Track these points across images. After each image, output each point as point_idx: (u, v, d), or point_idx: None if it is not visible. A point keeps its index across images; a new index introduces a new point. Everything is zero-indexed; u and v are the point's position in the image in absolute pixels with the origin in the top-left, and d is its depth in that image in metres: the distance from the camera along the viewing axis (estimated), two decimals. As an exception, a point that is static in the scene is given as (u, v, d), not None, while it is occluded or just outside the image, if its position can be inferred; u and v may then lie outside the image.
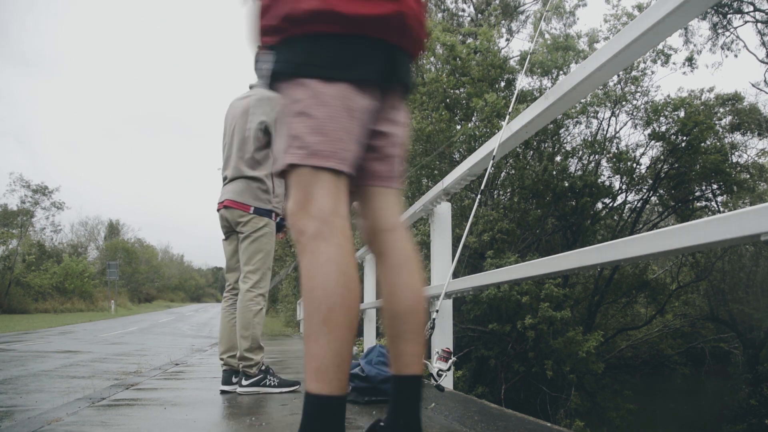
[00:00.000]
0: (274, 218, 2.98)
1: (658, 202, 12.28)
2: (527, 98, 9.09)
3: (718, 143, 11.02)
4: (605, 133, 10.97)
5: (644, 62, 10.20)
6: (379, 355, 2.47)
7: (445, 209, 3.30)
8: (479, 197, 2.50)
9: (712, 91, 11.23)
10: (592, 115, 10.64)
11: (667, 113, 10.26)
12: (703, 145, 10.28)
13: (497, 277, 2.38)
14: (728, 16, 12.31)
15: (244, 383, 2.80)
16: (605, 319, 12.86)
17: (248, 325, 2.80)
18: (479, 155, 2.64)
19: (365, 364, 2.44)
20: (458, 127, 9.39)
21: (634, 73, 10.21)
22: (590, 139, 10.92)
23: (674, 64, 10.48)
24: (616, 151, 10.78)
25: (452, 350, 2.21)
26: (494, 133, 6.34)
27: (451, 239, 3.27)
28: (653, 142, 10.73)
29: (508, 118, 2.42)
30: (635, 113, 10.70)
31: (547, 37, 10.37)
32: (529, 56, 9.23)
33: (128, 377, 4.29)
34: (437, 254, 3.24)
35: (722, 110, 11.45)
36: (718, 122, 11.31)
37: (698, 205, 11.64)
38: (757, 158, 12.48)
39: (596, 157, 10.82)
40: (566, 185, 9.85)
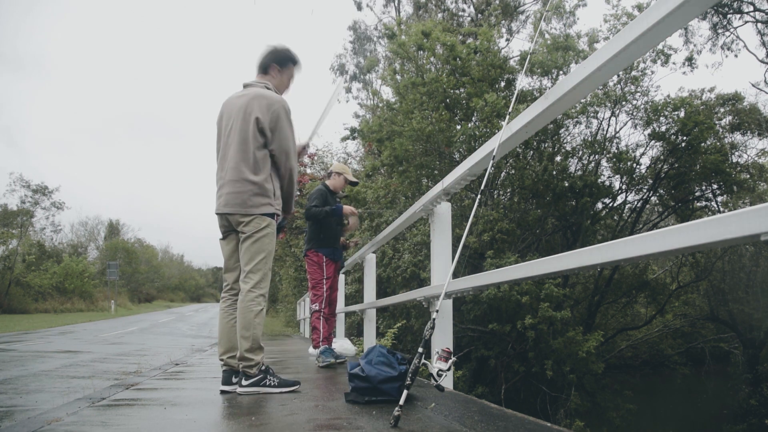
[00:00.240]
0: (276, 219, 2.96)
1: (658, 202, 12.28)
2: (527, 98, 9.08)
3: (718, 143, 11.01)
4: (605, 133, 10.97)
5: (644, 62, 10.20)
6: (379, 355, 2.47)
7: (445, 209, 3.30)
8: (479, 197, 2.50)
9: (712, 91, 11.23)
10: (592, 115, 10.64)
11: (667, 113, 10.25)
12: (703, 145, 10.27)
13: (497, 277, 2.38)
14: (728, 16, 12.31)
15: (244, 383, 2.79)
16: (605, 319, 12.87)
17: (249, 325, 2.78)
18: (479, 155, 2.64)
19: (365, 364, 2.44)
20: (458, 127, 9.39)
21: (634, 73, 10.20)
22: (590, 139, 10.92)
23: (674, 64, 10.47)
24: (616, 151, 10.78)
25: (452, 350, 2.20)
26: (494, 133, 6.34)
27: (451, 239, 3.27)
28: (653, 142, 10.73)
29: (508, 118, 2.42)
30: (635, 113, 10.69)
31: (547, 37, 10.36)
32: (529, 56, 9.23)
33: (128, 377, 4.29)
34: (437, 254, 3.24)
35: (722, 110, 11.45)
36: (718, 122, 11.31)
37: (698, 205, 11.64)
38: (757, 158, 12.49)
39: (596, 157, 10.82)
40: (566, 185, 9.85)
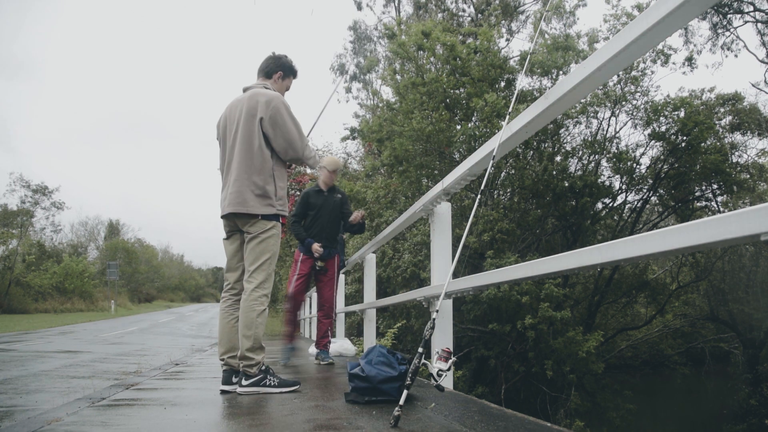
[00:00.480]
0: (282, 221, 2.97)
1: (658, 202, 12.28)
2: (527, 98, 9.08)
3: (718, 143, 11.01)
4: (605, 133, 10.97)
5: (644, 62, 10.20)
6: (379, 355, 2.47)
7: (445, 209, 3.30)
8: (479, 197, 2.50)
9: (712, 91, 11.23)
10: (592, 115, 10.64)
11: (667, 113, 10.25)
12: (703, 145, 10.27)
13: (497, 277, 2.38)
14: (728, 16, 12.31)
15: (244, 383, 2.79)
16: (605, 319, 12.87)
17: (251, 324, 2.78)
18: (479, 155, 2.64)
19: (365, 364, 2.44)
20: (458, 127, 9.39)
21: (633, 73, 10.20)
22: (590, 139, 10.92)
23: (674, 64, 10.47)
24: (616, 151, 10.78)
25: (452, 350, 2.21)
26: (494, 133, 6.34)
27: (451, 239, 3.27)
28: (653, 142, 10.73)
29: (508, 118, 2.42)
30: (635, 113, 10.69)
31: (547, 37, 10.37)
32: (529, 56, 9.23)
33: (128, 377, 4.29)
34: (437, 254, 3.24)
35: (722, 110, 11.45)
36: (718, 122, 11.31)
37: (698, 205, 11.64)
38: (757, 158, 12.48)
39: (596, 157, 10.82)
40: (566, 185, 9.85)
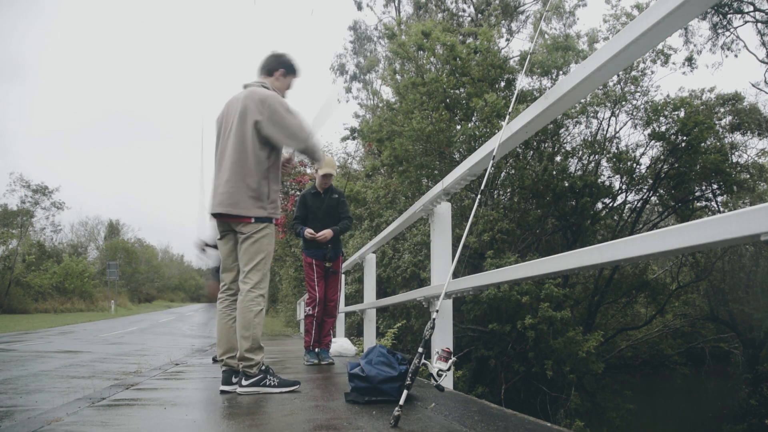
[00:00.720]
0: (276, 222, 2.96)
1: (658, 202, 12.28)
2: (527, 98, 9.08)
3: (718, 143, 11.01)
4: (605, 133, 10.97)
5: (644, 62, 10.20)
6: (379, 355, 2.47)
7: (445, 209, 3.30)
8: (479, 197, 2.50)
9: (712, 91, 11.23)
10: (592, 115, 10.64)
11: (667, 113, 10.25)
12: (703, 145, 10.27)
13: (497, 277, 2.38)
14: (728, 16, 12.31)
15: (244, 383, 2.79)
16: (605, 319, 12.87)
17: (249, 325, 2.78)
18: (479, 155, 2.64)
19: (365, 364, 2.44)
20: (458, 127, 9.39)
21: (633, 73, 10.20)
22: (590, 139, 10.92)
23: (674, 64, 10.47)
24: (616, 151, 10.78)
25: (452, 350, 2.21)
26: (494, 133, 6.34)
27: (451, 239, 3.27)
28: (653, 142, 10.73)
29: (508, 118, 2.42)
30: (635, 113, 10.69)
31: (546, 37, 10.37)
32: (529, 56, 9.23)
33: (128, 377, 4.29)
34: (437, 254, 3.24)
35: (722, 110, 11.45)
36: (718, 122, 11.30)
37: (698, 205, 11.64)
38: (757, 158, 12.49)
39: (596, 157, 10.82)
40: (566, 185, 9.85)
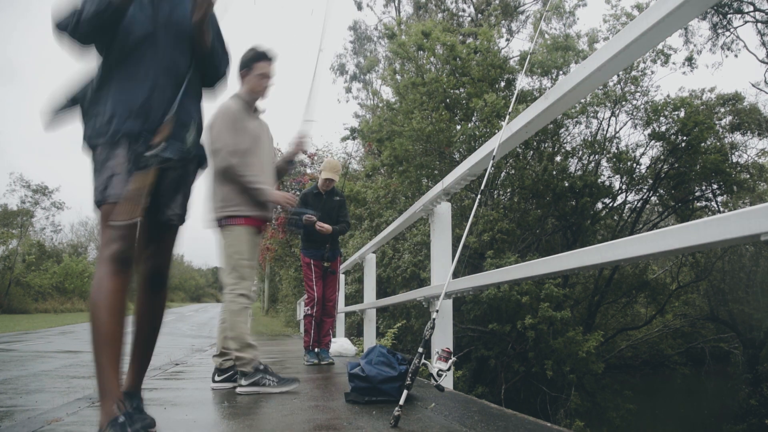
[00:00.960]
0: (237, 222, 2.91)
1: (658, 202, 12.28)
2: (527, 98, 9.08)
3: (718, 143, 11.01)
4: (605, 133, 10.97)
5: (644, 62, 10.20)
6: (379, 355, 2.47)
7: (445, 209, 3.30)
8: (479, 197, 2.50)
9: (712, 91, 11.23)
10: (591, 115, 10.64)
11: (667, 113, 10.25)
12: (703, 145, 10.27)
13: (497, 277, 2.38)
14: (728, 16, 12.31)
15: (243, 383, 2.81)
16: (605, 319, 12.86)
17: (232, 326, 2.88)
18: (479, 155, 2.64)
19: (365, 364, 2.44)
20: (458, 127, 9.39)
21: (633, 73, 10.20)
22: (590, 139, 10.92)
23: (674, 64, 10.47)
24: (616, 151, 10.78)
25: (452, 350, 2.21)
26: (494, 133, 6.34)
27: (451, 239, 3.27)
28: (653, 142, 10.73)
29: (508, 118, 2.42)
30: (635, 113, 10.69)
31: (546, 37, 10.37)
32: (529, 56, 9.23)
33: (128, 377, 4.27)
34: (437, 254, 3.24)
35: (722, 110, 11.44)
36: (718, 122, 11.30)
37: (698, 205, 11.63)
38: (757, 158, 12.48)
39: (596, 157, 10.82)
40: (566, 185, 9.85)
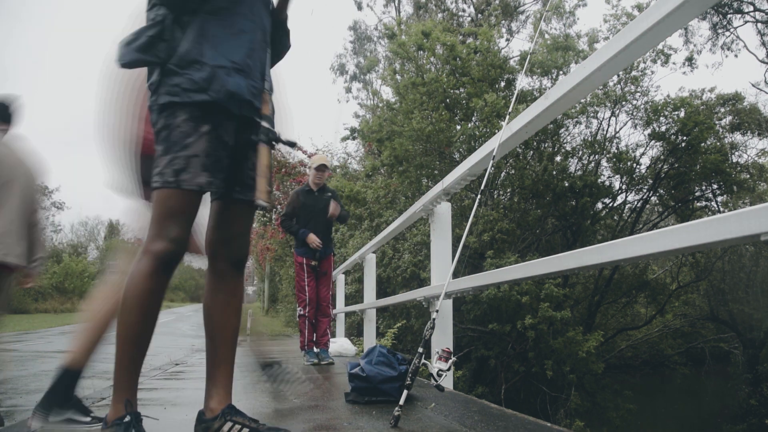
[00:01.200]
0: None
1: (658, 202, 12.28)
2: (527, 98, 9.08)
3: (718, 143, 11.00)
4: (605, 133, 10.97)
5: (644, 62, 10.20)
6: (379, 355, 2.47)
7: (445, 209, 3.30)
8: (479, 197, 2.50)
9: (712, 91, 11.22)
10: (592, 115, 10.64)
11: (667, 113, 10.25)
12: (703, 145, 10.27)
13: (497, 277, 2.38)
14: (728, 16, 12.31)
15: None
16: (605, 319, 12.86)
17: None
18: (479, 155, 2.64)
19: (365, 364, 2.44)
20: (458, 127, 9.39)
21: (634, 73, 10.20)
22: (590, 139, 10.92)
23: (674, 64, 10.47)
24: (616, 151, 10.78)
25: (452, 350, 2.21)
26: (494, 133, 6.34)
27: (451, 239, 3.27)
28: (653, 142, 10.73)
29: (508, 118, 2.42)
30: (635, 113, 10.69)
31: (547, 37, 10.37)
32: (529, 56, 9.23)
33: (128, 377, 4.27)
34: (437, 254, 3.24)
35: (722, 110, 11.44)
36: (718, 122, 11.30)
37: (698, 205, 11.63)
38: (757, 158, 12.47)
39: (596, 157, 10.82)
40: (566, 185, 9.85)
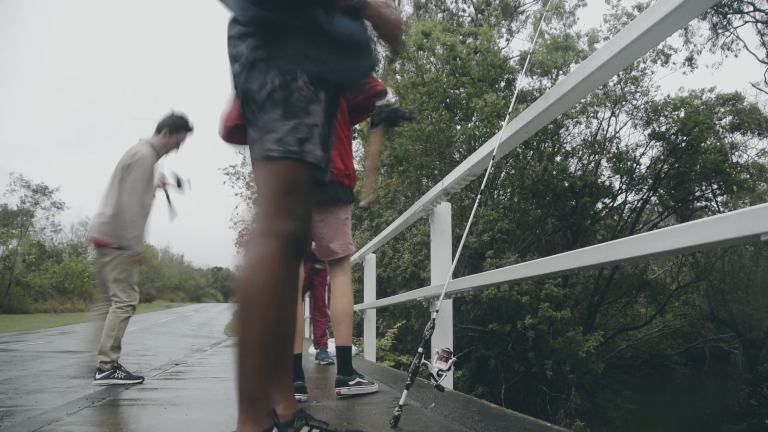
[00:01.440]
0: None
1: (658, 202, 12.28)
2: (527, 98, 9.09)
3: (718, 143, 11.01)
4: (605, 133, 10.97)
5: (644, 62, 10.21)
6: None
7: (445, 209, 3.30)
8: (479, 197, 2.50)
9: (712, 91, 11.23)
10: (592, 115, 10.65)
11: (667, 113, 10.26)
12: (703, 145, 10.28)
13: (497, 277, 2.38)
14: (728, 16, 12.31)
15: (97, 376, 3.34)
16: (605, 319, 12.87)
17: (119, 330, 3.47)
18: (479, 155, 2.63)
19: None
20: (458, 127, 9.39)
21: (634, 73, 10.21)
22: (590, 139, 10.92)
23: (674, 64, 10.49)
24: (616, 151, 10.79)
25: (452, 350, 2.20)
26: (494, 133, 6.34)
27: (451, 239, 3.27)
28: (653, 142, 10.74)
29: (508, 118, 2.42)
30: (635, 113, 10.70)
31: (546, 37, 10.37)
32: (529, 56, 9.24)
33: (128, 377, 4.27)
34: (437, 254, 3.24)
35: (722, 110, 11.44)
36: (718, 122, 11.30)
37: (698, 205, 11.64)
38: (757, 158, 12.49)
39: (596, 157, 10.82)
40: (566, 185, 9.85)
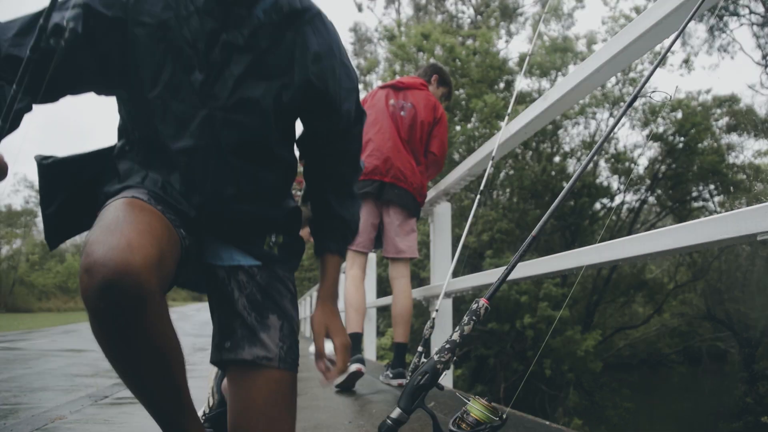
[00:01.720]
0: None
1: (655, 202, 12.32)
2: (526, 99, 9.12)
3: (714, 144, 11.05)
4: (603, 134, 11.00)
5: (642, 64, 10.24)
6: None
7: (444, 209, 3.32)
8: (479, 197, 2.53)
9: (709, 92, 11.27)
10: (590, 116, 10.68)
11: (664, 114, 10.30)
12: (700, 145, 10.32)
13: (497, 276, 2.40)
14: (724, 18, 12.35)
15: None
16: (603, 318, 12.90)
17: None
18: (479, 156, 2.65)
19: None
20: (458, 127, 9.41)
21: (632, 74, 10.24)
22: (588, 139, 10.96)
23: (671, 65, 10.53)
24: (614, 151, 10.82)
25: (453, 349, 2.22)
26: (493, 133, 6.36)
27: (450, 239, 3.28)
28: (651, 142, 10.78)
29: (507, 119, 2.44)
30: (633, 114, 10.73)
31: (545, 38, 10.40)
32: (528, 58, 9.24)
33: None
34: (437, 254, 3.26)
35: (719, 111, 11.49)
36: (714, 123, 11.35)
37: (695, 205, 11.69)
38: (753, 159, 12.53)
39: (594, 157, 10.86)
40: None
